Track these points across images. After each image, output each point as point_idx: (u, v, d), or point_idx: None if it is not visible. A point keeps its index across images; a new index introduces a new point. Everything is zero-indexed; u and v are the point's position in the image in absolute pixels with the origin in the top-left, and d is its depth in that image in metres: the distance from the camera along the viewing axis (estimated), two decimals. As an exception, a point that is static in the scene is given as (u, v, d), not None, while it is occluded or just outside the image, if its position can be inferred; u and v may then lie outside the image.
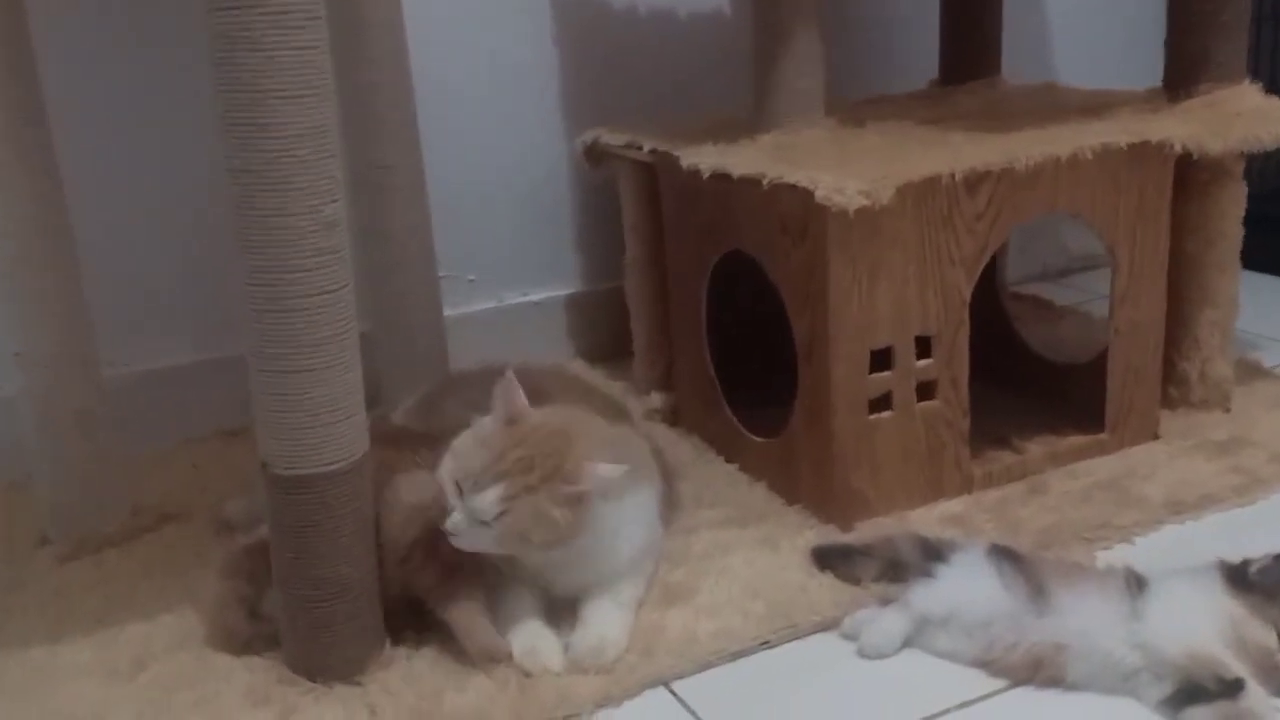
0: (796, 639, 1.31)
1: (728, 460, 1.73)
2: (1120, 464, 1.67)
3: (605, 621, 1.26)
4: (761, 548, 1.46)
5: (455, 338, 1.94)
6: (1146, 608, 1.21)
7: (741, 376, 1.76)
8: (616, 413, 1.56)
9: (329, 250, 1.13)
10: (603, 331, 2.20)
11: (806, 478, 1.56)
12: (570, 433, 1.23)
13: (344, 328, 1.14)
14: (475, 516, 1.18)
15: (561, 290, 2.21)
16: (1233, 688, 1.14)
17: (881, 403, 1.52)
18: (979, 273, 1.54)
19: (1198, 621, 1.18)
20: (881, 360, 1.51)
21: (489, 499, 1.17)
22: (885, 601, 1.31)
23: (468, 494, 1.19)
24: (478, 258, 2.12)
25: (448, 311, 1.96)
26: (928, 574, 1.30)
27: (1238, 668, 1.15)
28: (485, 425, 1.24)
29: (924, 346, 1.53)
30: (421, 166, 1.73)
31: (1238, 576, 1.22)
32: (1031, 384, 1.86)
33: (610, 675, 1.22)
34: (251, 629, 1.25)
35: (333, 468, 1.15)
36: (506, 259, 2.15)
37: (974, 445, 1.60)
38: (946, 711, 1.19)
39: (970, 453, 1.60)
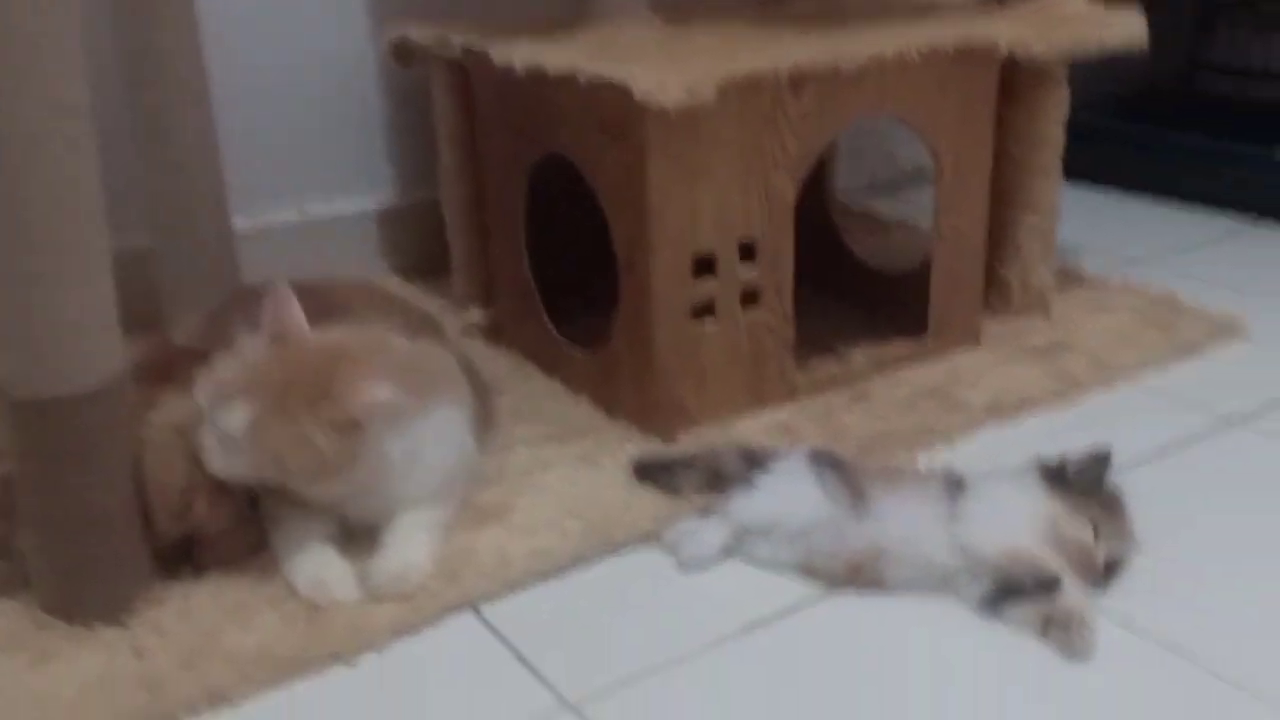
0: (615, 555, 1.25)
1: (549, 374, 1.65)
2: (943, 370, 1.66)
3: (407, 546, 1.17)
4: (581, 464, 1.39)
5: (253, 254, 1.79)
6: (965, 509, 1.18)
7: (564, 287, 1.68)
8: (428, 329, 1.46)
9: (68, 139, 0.99)
10: (421, 247, 2.08)
11: (628, 390, 1.49)
12: (344, 353, 1.13)
13: (90, 229, 1.00)
14: (222, 437, 1.07)
15: (373, 202, 2.07)
16: (1049, 584, 1.12)
17: (705, 311, 1.46)
18: (804, 177, 1.48)
19: (1016, 521, 1.17)
20: (704, 267, 1.44)
21: (234, 418, 1.06)
22: (707, 513, 1.25)
23: (213, 412, 1.07)
24: (277, 163, 1.96)
25: (243, 224, 1.83)
26: (749, 483, 1.25)
27: (1055, 565, 1.14)
28: (249, 343, 1.13)
29: (748, 253, 1.47)
30: (201, 54, 1.56)
31: (1056, 475, 1.20)
32: (857, 293, 1.84)
33: (411, 603, 1.13)
34: (3, 569, 1.11)
35: (81, 388, 1.02)
36: (310, 166, 2.00)
37: (800, 353, 1.57)
38: (768, 620, 1.15)
39: (795, 361, 1.55)
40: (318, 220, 2.01)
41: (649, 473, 1.35)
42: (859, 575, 1.18)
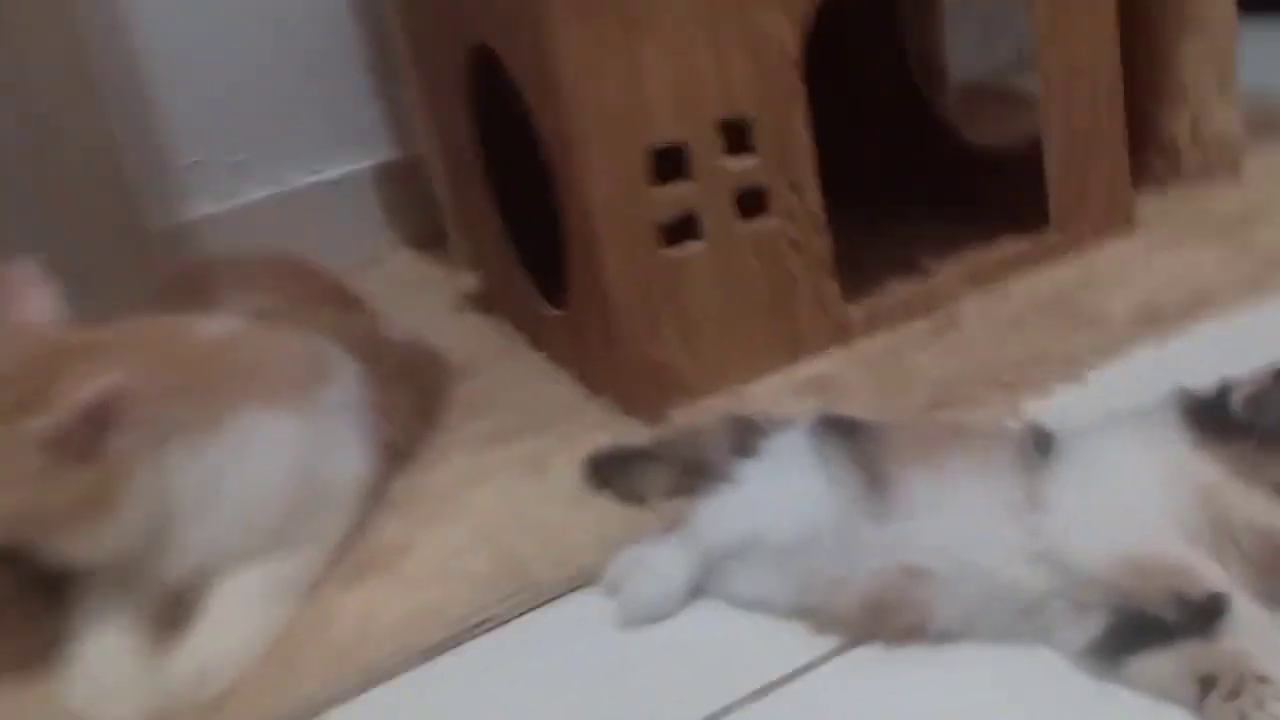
0: (537, 608, 0.84)
1: (535, 347, 1.25)
2: (1073, 272, 1.16)
3: (215, 631, 0.81)
4: (524, 471, 0.99)
5: (231, 238, 1.48)
6: (1054, 490, 0.71)
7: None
8: (346, 312, 1.09)
9: None
10: (433, 207, 1.71)
11: (599, 355, 1.07)
12: (81, 346, 0.77)
13: None
14: None
15: (365, 161, 1.71)
16: (1208, 613, 0.64)
17: (682, 229, 1.02)
18: (813, 14, 1.02)
19: (1143, 503, 0.69)
20: (670, 165, 1.00)
21: None
22: (665, 533, 0.83)
23: None
24: (244, 132, 1.63)
25: (211, 207, 1.53)
26: (725, 480, 0.82)
27: (1216, 576, 0.66)
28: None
29: (739, 138, 1.03)
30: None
31: (1210, 414, 0.71)
32: (961, 187, 1.34)
33: (216, 713, 0.77)
34: None
35: None
36: (284, 129, 1.65)
37: (863, 276, 1.11)
38: (745, 701, 0.72)
39: (846, 287, 1.09)
40: (300, 190, 1.68)
41: (604, 474, 0.94)
42: (885, 616, 0.73)
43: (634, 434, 1.00)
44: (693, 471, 0.87)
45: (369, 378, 0.98)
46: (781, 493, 0.79)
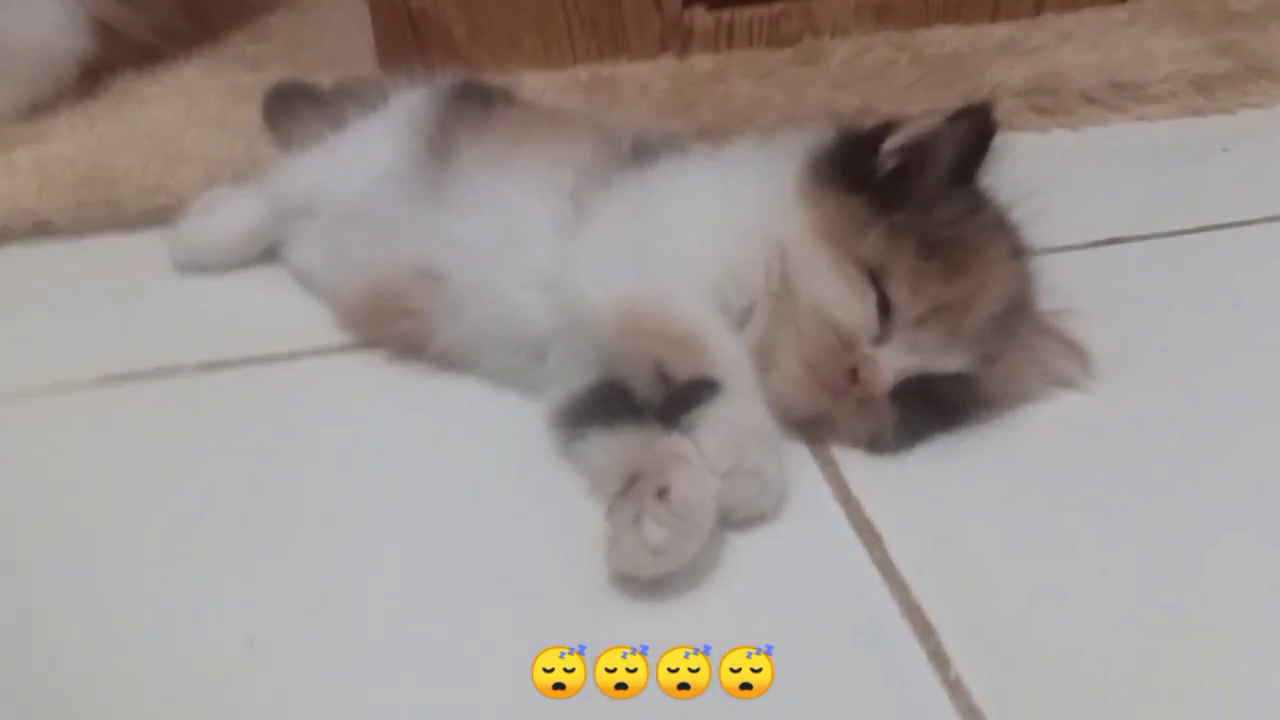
0: (103, 233, 0.71)
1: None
2: (1024, 30, 0.91)
3: None
4: (221, 95, 0.84)
5: None
6: (603, 205, 0.52)
7: None
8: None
9: None
10: None
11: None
12: None
13: None
14: None
15: None
16: (682, 400, 0.46)
17: None
18: None
19: (681, 241, 0.50)
20: None
21: None
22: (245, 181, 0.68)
23: None
24: None
25: None
26: (326, 133, 0.66)
27: (723, 357, 0.47)
28: None
29: None
30: None
31: (846, 155, 0.50)
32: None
33: None
34: None
35: None
36: None
37: None
38: (235, 364, 0.59)
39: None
40: None
41: (273, 110, 0.77)
42: (384, 318, 0.57)
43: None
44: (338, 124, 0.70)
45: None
46: (352, 154, 0.62)
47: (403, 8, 0.85)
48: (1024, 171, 0.52)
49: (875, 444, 0.50)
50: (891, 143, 0.50)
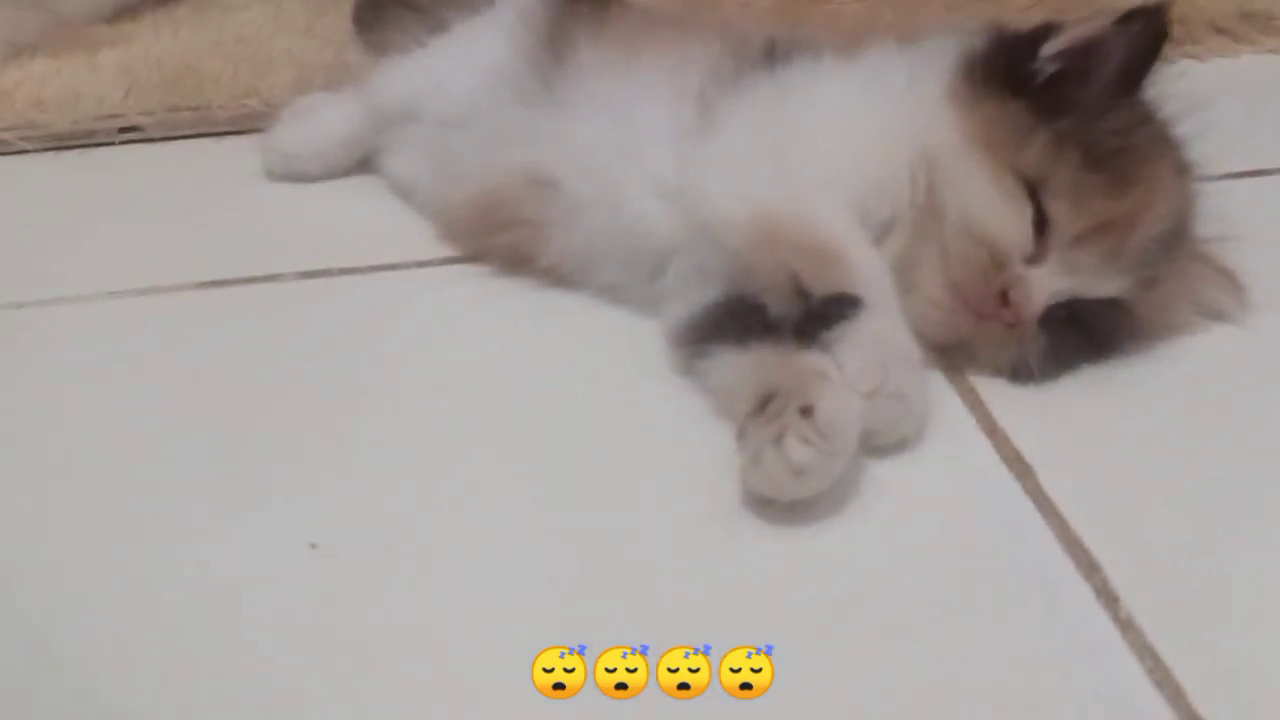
0: (192, 137, 0.69)
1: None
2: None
3: None
4: (261, 4, 0.81)
5: None
6: (733, 109, 0.49)
7: None
8: None
9: None
10: None
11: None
12: None
13: None
14: None
15: None
16: (821, 316, 0.43)
17: None
18: None
19: (820, 146, 0.47)
20: None
21: None
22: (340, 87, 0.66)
23: None
24: None
25: None
26: (425, 38, 0.63)
27: (864, 271, 0.44)
28: None
29: None
30: None
31: (1001, 59, 0.47)
32: None
33: None
34: None
35: None
36: None
37: None
38: (334, 273, 0.57)
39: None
40: None
41: (368, 15, 0.74)
42: (493, 228, 0.54)
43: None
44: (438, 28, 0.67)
45: None
46: (459, 56, 0.59)
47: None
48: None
49: (1018, 372, 0.47)
50: (1052, 46, 0.46)
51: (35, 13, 0.77)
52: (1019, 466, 0.43)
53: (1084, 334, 0.46)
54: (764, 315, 0.44)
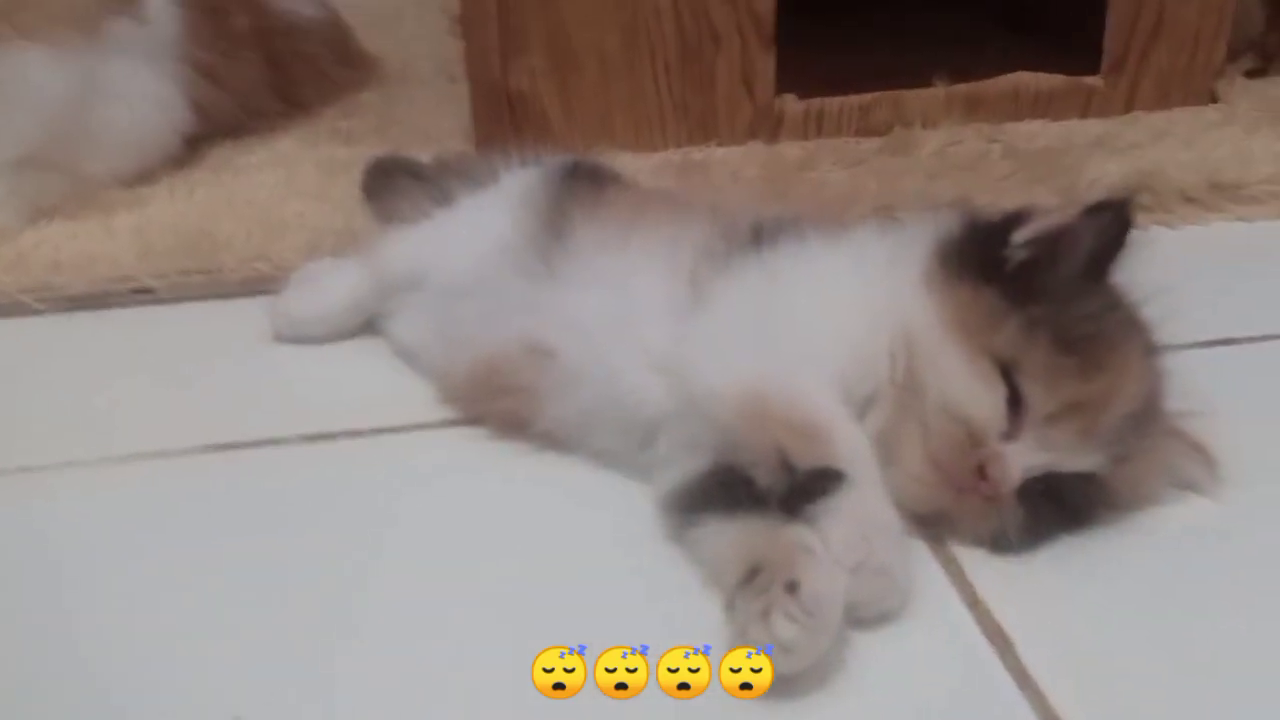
0: (209, 300, 0.72)
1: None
2: (1116, 127, 0.90)
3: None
4: (315, 169, 0.86)
5: None
6: (723, 287, 0.51)
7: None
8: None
9: None
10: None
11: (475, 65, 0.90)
12: None
13: None
14: None
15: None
16: (805, 490, 0.45)
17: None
18: None
19: (805, 326, 0.49)
20: None
21: None
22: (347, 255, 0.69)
23: None
24: None
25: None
26: (432, 210, 0.66)
27: (848, 446, 0.45)
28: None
29: None
30: None
31: (974, 245, 0.50)
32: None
33: None
34: None
35: None
36: None
37: (841, 69, 0.90)
38: (338, 436, 0.58)
39: (811, 77, 0.89)
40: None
41: (381, 181, 0.78)
42: (491, 394, 0.56)
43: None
44: (442, 200, 0.71)
45: (197, 30, 0.86)
46: (465, 229, 0.62)
47: (502, 89, 0.86)
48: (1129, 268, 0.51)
49: (998, 543, 0.48)
50: (1022, 234, 0.49)
51: (59, 175, 0.81)
52: (1000, 640, 0.44)
53: (1061, 506, 0.48)
54: (752, 486, 0.46)
